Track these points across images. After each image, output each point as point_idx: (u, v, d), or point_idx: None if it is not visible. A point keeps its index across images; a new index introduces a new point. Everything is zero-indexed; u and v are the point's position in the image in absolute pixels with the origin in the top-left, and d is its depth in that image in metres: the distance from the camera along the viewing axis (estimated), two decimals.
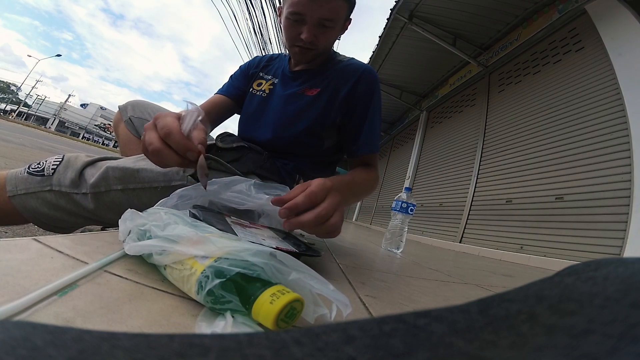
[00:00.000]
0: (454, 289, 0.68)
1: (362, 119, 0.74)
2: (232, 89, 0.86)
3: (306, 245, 0.48)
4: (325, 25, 0.68)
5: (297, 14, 0.66)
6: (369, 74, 0.76)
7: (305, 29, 0.67)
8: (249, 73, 0.87)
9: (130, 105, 0.91)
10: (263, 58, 0.90)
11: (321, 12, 0.65)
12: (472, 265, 1.43)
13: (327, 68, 0.78)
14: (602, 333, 0.09)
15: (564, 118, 2.25)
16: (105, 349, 0.09)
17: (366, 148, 0.75)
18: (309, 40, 0.68)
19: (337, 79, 0.75)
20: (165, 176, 0.58)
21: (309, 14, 0.65)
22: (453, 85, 4.02)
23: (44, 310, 0.20)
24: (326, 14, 0.66)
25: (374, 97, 0.76)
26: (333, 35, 0.72)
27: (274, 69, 0.85)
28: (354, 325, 0.10)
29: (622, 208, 1.67)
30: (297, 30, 0.68)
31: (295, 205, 0.42)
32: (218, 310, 0.24)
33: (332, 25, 0.69)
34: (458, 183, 3.33)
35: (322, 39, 0.70)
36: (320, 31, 0.68)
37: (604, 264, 0.13)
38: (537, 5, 2.70)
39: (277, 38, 7.63)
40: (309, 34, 0.67)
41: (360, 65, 0.77)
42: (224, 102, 0.84)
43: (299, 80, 0.78)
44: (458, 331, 0.10)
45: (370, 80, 0.76)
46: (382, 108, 0.79)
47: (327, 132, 0.76)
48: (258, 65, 0.88)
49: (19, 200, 0.56)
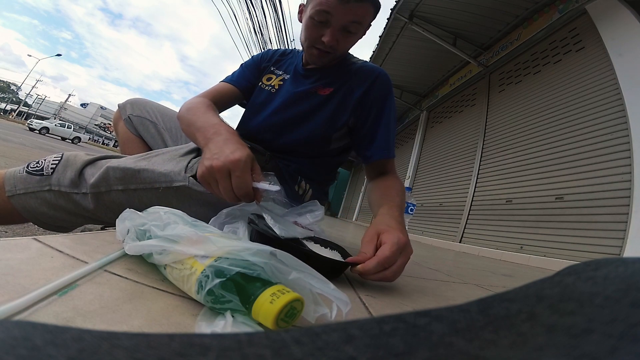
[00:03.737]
0: (454, 289, 0.68)
1: (376, 123, 0.72)
2: (242, 80, 0.83)
3: None
4: (350, 30, 0.66)
5: (324, 14, 0.63)
6: (384, 77, 0.74)
7: (328, 32, 0.65)
8: (261, 66, 0.84)
9: (129, 103, 0.90)
10: (276, 52, 0.87)
11: (349, 17, 0.63)
12: (472, 265, 1.43)
13: (342, 68, 0.75)
14: (602, 332, 0.09)
15: (564, 118, 2.25)
16: (105, 348, 0.09)
17: (381, 153, 0.72)
18: (331, 45, 0.66)
19: (352, 80, 0.73)
20: (166, 177, 0.57)
21: (336, 17, 0.63)
22: (453, 85, 4.02)
23: (44, 310, 0.20)
24: (353, 19, 0.64)
25: (389, 101, 0.73)
26: (354, 41, 0.71)
27: (286, 64, 0.83)
28: (354, 325, 0.10)
29: (622, 208, 1.67)
30: (320, 32, 0.66)
31: (366, 272, 0.43)
32: (218, 309, 0.24)
33: (356, 30, 0.67)
34: (458, 183, 3.33)
35: (343, 44, 0.68)
36: (342, 36, 0.66)
37: (604, 264, 0.13)
38: (537, 5, 2.70)
39: (277, 38, 7.62)
40: (332, 38, 0.65)
41: (375, 68, 0.76)
42: (231, 92, 0.81)
43: (311, 78, 0.76)
44: (458, 331, 0.10)
45: (385, 84, 0.74)
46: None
47: (338, 133, 0.73)
48: (271, 59, 0.85)
49: (17, 200, 0.55)
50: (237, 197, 0.46)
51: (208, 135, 0.53)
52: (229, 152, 0.47)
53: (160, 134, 0.88)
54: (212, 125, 0.56)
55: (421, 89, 4.78)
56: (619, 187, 1.73)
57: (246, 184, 0.46)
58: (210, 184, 0.47)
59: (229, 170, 0.45)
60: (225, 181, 0.46)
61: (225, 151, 0.47)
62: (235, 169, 0.45)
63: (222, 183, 0.46)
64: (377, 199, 0.66)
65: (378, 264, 0.42)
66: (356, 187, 7.79)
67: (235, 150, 0.47)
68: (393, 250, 0.44)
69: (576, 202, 1.96)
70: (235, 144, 0.50)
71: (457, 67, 3.93)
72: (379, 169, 0.74)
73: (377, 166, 0.74)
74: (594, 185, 1.88)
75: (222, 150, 0.48)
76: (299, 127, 0.72)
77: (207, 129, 0.56)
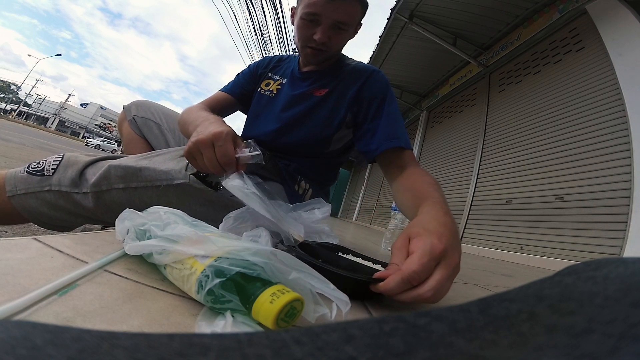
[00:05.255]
0: (454, 289, 0.68)
1: (378, 117, 0.70)
2: (237, 88, 0.86)
3: None
4: (340, 27, 0.69)
5: (313, 14, 0.66)
6: (378, 74, 0.76)
7: (319, 30, 0.68)
8: (258, 73, 0.88)
9: (134, 105, 0.92)
10: (273, 58, 0.90)
11: (337, 14, 0.66)
12: (472, 265, 1.43)
13: (337, 69, 0.78)
14: (603, 332, 0.09)
15: (564, 118, 2.25)
16: (105, 348, 0.09)
17: (387, 143, 0.66)
18: (322, 42, 0.69)
19: (346, 79, 0.75)
20: (167, 174, 0.58)
21: (325, 15, 0.66)
22: (453, 85, 4.02)
23: (44, 310, 0.20)
24: (341, 17, 0.67)
25: (387, 96, 0.73)
26: (345, 38, 0.73)
27: (283, 69, 0.86)
28: (354, 325, 0.10)
29: (622, 208, 1.67)
30: (311, 30, 0.68)
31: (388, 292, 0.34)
32: (218, 309, 0.24)
33: (346, 28, 0.69)
34: (458, 183, 3.32)
35: (334, 41, 0.71)
36: (333, 33, 0.69)
37: (604, 264, 0.13)
38: (537, 5, 2.70)
39: (277, 37, 7.62)
40: (323, 35, 0.68)
41: (369, 67, 0.78)
42: (226, 100, 0.85)
43: (308, 80, 0.78)
44: (458, 330, 0.10)
45: (380, 80, 0.75)
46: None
47: (338, 134, 0.74)
48: (267, 66, 0.88)
49: (18, 200, 0.56)
50: (221, 166, 0.48)
51: (197, 123, 0.57)
52: (212, 128, 0.50)
53: (164, 135, 0.90)
54: (202, 116, 0.60)
55: (421, 89, 4.77)
56: (619, 187, 1.73)
57: (229, 153, 0.48)
58: (196, 157, 0.49)
59: (212, 142, 0.48)
60: (209, 152, 0.48)
61: (209, 128, 0.51)
62: (217, 140, 0.48)
63: (207, 154, 0.48)
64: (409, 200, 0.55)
65: (402, 281, 0.33)
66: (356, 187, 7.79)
67: (218, 127, 0.50)
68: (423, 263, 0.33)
69: (576, 202, 1.96)
70: (219, 122, 0.54)
71: (457, 67, 3.92)
72: (396, 163, 0.65)
73: (392, 160, 0.66)
74: (594, 185, 1.88)
75: (207, 128, 0.51)
76: (297, 129, 0.74)
77: (197, 119, 0.59)
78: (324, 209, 0.56)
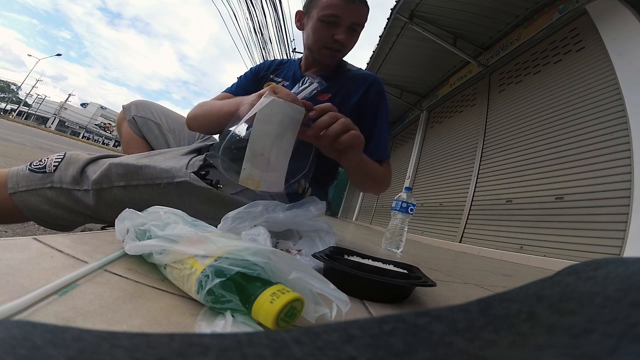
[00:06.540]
0: (454, 289, 0.68)
1: (372, 127, 0.75)
2: (240, 89, 0.87)
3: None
4: (355, 29, 0.72)
5: (333, 16, 0.68)
6: (378, 83, 0.80)
7: (340, 31, 0.70)
8: (259, 75, 0.88)
9: (134, 105, 0.92)
10: (273, 62, 0.92)
11: (354, 16, 0.69)
12: (472, 265, 1.43)
13: (338, 74, 0.80)
14: (603, 332, 0.09)
15: (564, 118, 2.25)
16: (105, 348, 0.09)
17: (376, 154, 0.74)
18: (344, 42, 0.71)
19: (349, 85, 0.77)
20: (168, 172, 0.58)
21: (344, 17, 0.69)
22: (453, 85, 4.02)
23: (44, 310, 0.20)
24: (357, 18, 0.70)
25: (382, 105, 0.78)
26: (356, 40, 0.76)
27: (285, 72, 0.87)
28: (354, 325, 0.10)
29: (622, 208, 1.67)
30: (331, 32, 0.71)
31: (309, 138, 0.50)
32: (218, 309, 0.24)
33: (359, 30, 0.73)
34: (458, 183, 3.32)
35: (350, 43, 0.74)
36: (350, 34, 0.72)
37: (604, 264, 0.13)
38: (537, 5, 2.70)
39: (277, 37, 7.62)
40: (345, 35, 0.70)
41: (370, 74, 0.81)
42: None
43: None
44: (458, 330, 0.10)
45: (379, 89, 0.79)
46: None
47: None
48: (269, 68, 0.89)
49: (19, 197, 0.56)
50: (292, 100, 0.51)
51: (238, 100, 0.59)
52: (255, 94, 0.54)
53: (164, 135, 0.91)
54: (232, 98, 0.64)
55: (421, 89, 4.77)
56: (619, 187, 1.73)
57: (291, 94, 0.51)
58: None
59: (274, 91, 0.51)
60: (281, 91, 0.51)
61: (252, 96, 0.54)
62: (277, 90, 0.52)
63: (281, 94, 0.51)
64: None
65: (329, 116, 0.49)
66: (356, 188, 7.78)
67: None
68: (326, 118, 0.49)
69: (576, 202, 1.96)
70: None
71: (457, 67, 3.92)
72: None
73: None
74: (594, 185, 1.88)
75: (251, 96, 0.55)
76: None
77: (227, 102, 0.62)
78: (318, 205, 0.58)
